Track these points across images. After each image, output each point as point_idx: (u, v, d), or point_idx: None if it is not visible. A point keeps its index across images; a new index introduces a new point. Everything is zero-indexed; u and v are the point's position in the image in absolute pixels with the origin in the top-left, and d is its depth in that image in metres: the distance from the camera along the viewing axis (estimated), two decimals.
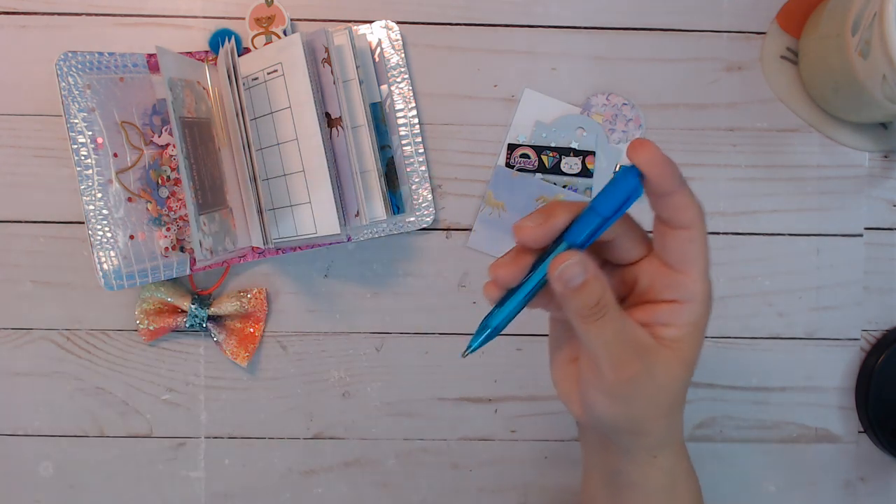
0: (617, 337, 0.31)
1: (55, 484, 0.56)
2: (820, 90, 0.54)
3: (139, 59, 0.52)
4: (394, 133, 0.54)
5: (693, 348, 0.33)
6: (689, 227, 0.31)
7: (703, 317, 0.33)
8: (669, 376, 0.33)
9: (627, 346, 0.32)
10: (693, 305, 0.32)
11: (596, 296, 0.31)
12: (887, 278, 0.57)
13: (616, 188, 0.30)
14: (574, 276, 0.30)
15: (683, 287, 0.32)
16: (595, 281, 0.31)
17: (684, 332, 0.33)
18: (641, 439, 0.36)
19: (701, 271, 0.32)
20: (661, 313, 0.33)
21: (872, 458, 0.57)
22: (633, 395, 0.33)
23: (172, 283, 0.54)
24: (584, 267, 0.30)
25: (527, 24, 0.55)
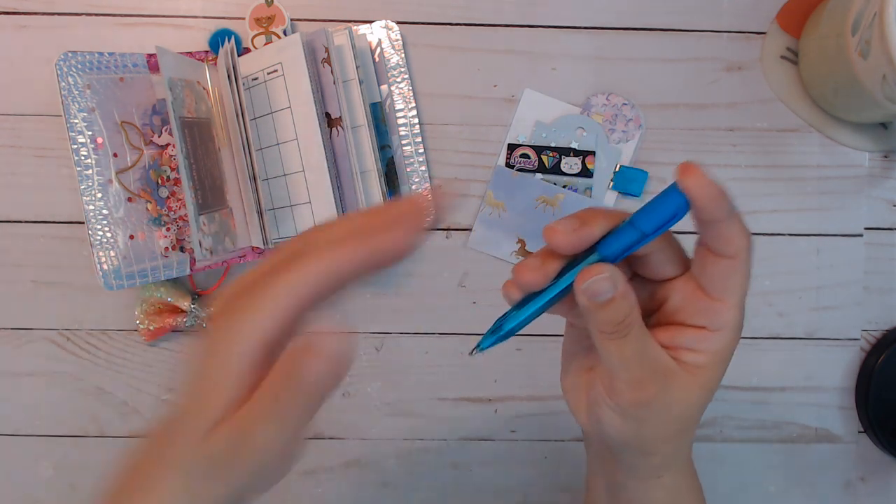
0: (637, 357, 0.31)
1: (55, 484, 0.56)
2: (820, 90, 0.54)
3: (139, 59, 0.52)
4: (394, 133, 0.54)
5: (715, 376, 0.33)
6: (734, 256, 0.30)
7: (731, 346, 0.32)
8: (686, 402, 0.32)
9: (647, 367, 0.31)
10: (723, 334, 0.32)
11: (622, 314, 0.30)
12: (887, 278, 0.57)
13: (661, 205, 0.29)
14: (602, 293, 0.29)
15: (716, 315, 0.31)
16: (622, 299, 0.29)
17: (710, 359, 0.32)
18: (648, 459, 0.35)
19: (737, 302, 0.31)
20: (688, 338, 0.32)
21: (872, 458, 0.57)
22: (647, 417, 0.32)
23: (172, 283, 0.54)
24: (613, 283, 0.29)
25: (527, 24, 0.55)
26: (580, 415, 0.35)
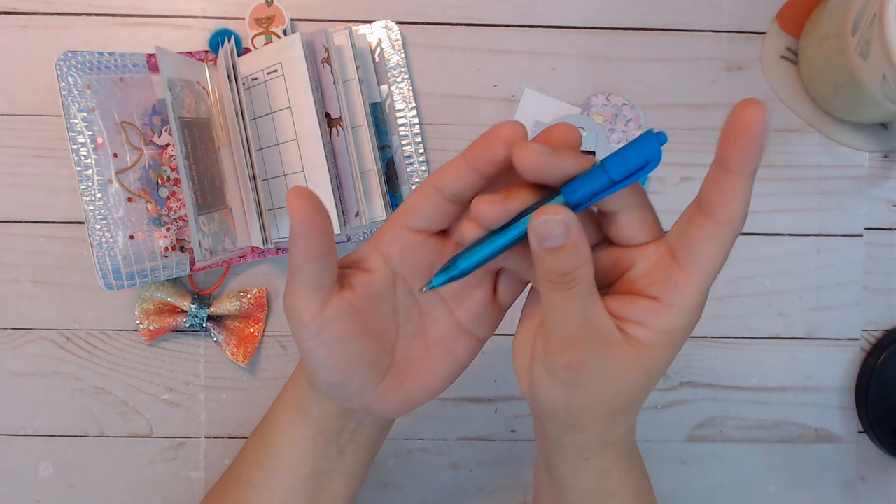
0: (576, 315, 0.28)
1: (55, 484, 0.56)
2: (820, 90, 0.54)
3: (139, 59, 0.52)
4: (394, 133, 0.55)
5: (660, 359, 0.30)
6: (723, 224, 0.27)
7: (681, 330, 0.29)
8: (622, 379, 0.30)
9: (584, 328, 0.29)
10: (674, 312, 0.29)
11: (569, 264, 0.27)
12: (887, 278, 0.57)
13: (634, 151, 0.26)
14: (553, 236, 0.27)
15: (675, 287, 0.29)
16: (573, 248, 0.27)
17: (656, 338, 0.29)
18: (574, 434, 0.33)
19: (702, 279, 0.28)
20: (639, 309, 0.29)
21: (872, 458, 0.57)
22: (577, 383, 0.30)
23: (172, 283, 0.54)
24: (567, 228, 0.27)
25: (527, 24, 0.55)
26: (522, 380, 0.33)
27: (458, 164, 0.30)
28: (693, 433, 0.57)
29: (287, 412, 0.39)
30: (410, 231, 0.33)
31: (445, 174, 0.31)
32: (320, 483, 0.39)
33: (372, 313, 0.33)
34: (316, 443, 0.38)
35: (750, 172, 0.26)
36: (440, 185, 0.31)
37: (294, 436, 0.38)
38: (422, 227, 0.32)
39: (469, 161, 0.30)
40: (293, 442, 0.38)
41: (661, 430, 0.57)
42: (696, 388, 0.57)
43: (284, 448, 0.39)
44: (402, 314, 0.35)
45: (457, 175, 0.30)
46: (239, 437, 0.56)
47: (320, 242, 0.30)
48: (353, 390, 0.34)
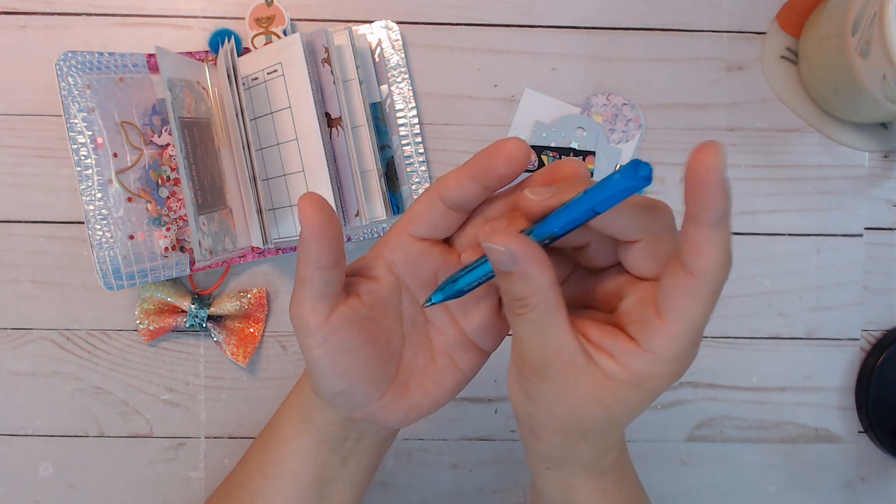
0: (530, 337, 0.28)
1: (55, 484, 0.56)
2: (820, 90, 0.54)
3: (139, 59, 0.52)
4: (394, 133, 0.54)
5: (622, 397, 0.28)
6: (695, 274, 0.25)
7: (655, 378, 0.27)
8: (574, 402, 0.29)
9: (539, 350, 0.28)
10: (647, 357, 0.27)
11: (519, 291, 0.27)
12: (887, 278, 0.57)
13: (617, 180, 0.25)
14: (499, 263, 0.27)
15: (651, 335, 0.27)
16: (521, 278, 0.27)
17: (623, 376, 0.28)
18: (535, 443, 0.33)
19: (681, 330, 0.26)
20: (615, 344, 0.28)
21: (872, 458, 0.57)
22: (532, 395, 0.30)
23: (172, 283, 0.54)
24: (511, 258, 0.26)
25: (527, 24, 0.55)
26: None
27: (460, 175, 0.30)
28: (693, 433, 0.57)
29: (291, 421, 0.39)
30: (414, 239, 0.33)
31: (448, 184, 0.31)
32: (323, 492, 0.39)
33: (378, 322, 0.33)
34: (319, 452, 0.38)
35: (715, 221, 0.24)
36: (443, 195, 0.31)
37: (297, 444, 0.38)
38: (426, 235, 0.33)
39: (471, 174, 0.30)
40: (296, 451, 0.38)
41: (661, 430, 0.57)
42: (696, 388, 0.57)
43: (288, 456, 0.39)
44: (407, 323, 0.35)
45: (459, 186, 0.31)
46: (239, 437, 0.56)
47: (331, 252, 0.30)
48: (357, 399, 0.34)
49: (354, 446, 0.39)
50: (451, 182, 0.31)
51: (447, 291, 0.30)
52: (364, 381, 0.33)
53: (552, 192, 0.28)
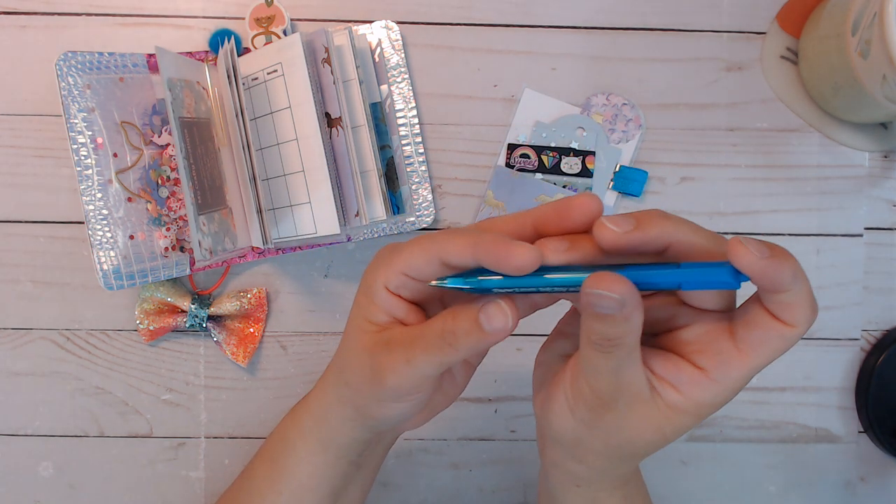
0: (610, 374, 0.28)
1: (55, 484, 0.56)
2: (820, 90, 0.54)
3: (139, 59, 0.52)
4: (394, 133, 0.54)
5: (680, 425, 0.30)
6: (793, 325, 0.27)
7: (714, 406, 0.29)
8: (636, 432, 0.30)
9: (615, 385, 0.29)
10: (714, 387, 0.28)
11: (615, 333, 0.27)
12: (887, 278, 0.57)
13: (712, 273, 0.26)
14: (606, 308, 0.26)
15: (727, 366, 0.28)
16: (624, 321, 0.27)
17: (685, 405, 0.29)
18: (573, 464, 0.33)
19: (756, 363, 0.28)
20: (680, 375, 0.29)
21: (872, 458, 0.57)
22: (593, 426, 0.30)
23: (172, 283, 0.54)
24: (620, 305, 0.26)
25: (527, 24, 0.55)
26: (538, 393, 0.34)
27: (464, 247, 0.29)
28: (693, 433, 0.57)
29: (306, 443, 0.40)
30: (408, 277, 0.32)
31: (449, 251, 0.30)
32: (338, 498, 0.40)
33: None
34: (338, 466, 0.39)
35: (789, 283, 0.26)
36: (444, 258, 0.30)
37: (315, 464, 0.39)
38: (419, 277, 0.32)
39: (533, 223, 0.30)
40: (314, 469, 0.39)
41: None
42: None
43: (303, 475, 0.40)
44: None
45: (460, 256, 0.29)
46: (239, 437, 0.56)
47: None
48: (410, 415, 0.35)
49: (370, 452, 0.40)
50: (453, 249, 0.30)
51: (467, 282, 0.30)
52: (426, 398, 0.35)
53: (632, 224, 0.27)
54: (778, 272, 0.25)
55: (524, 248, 0.27)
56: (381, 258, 0.33)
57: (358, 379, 0.34)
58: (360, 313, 0.33)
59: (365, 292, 0.33)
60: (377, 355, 0.32)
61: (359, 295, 0.34)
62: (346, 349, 0.35)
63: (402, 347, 0.31)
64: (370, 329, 0.33)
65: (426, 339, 0.30)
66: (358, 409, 0.35)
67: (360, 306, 0.34)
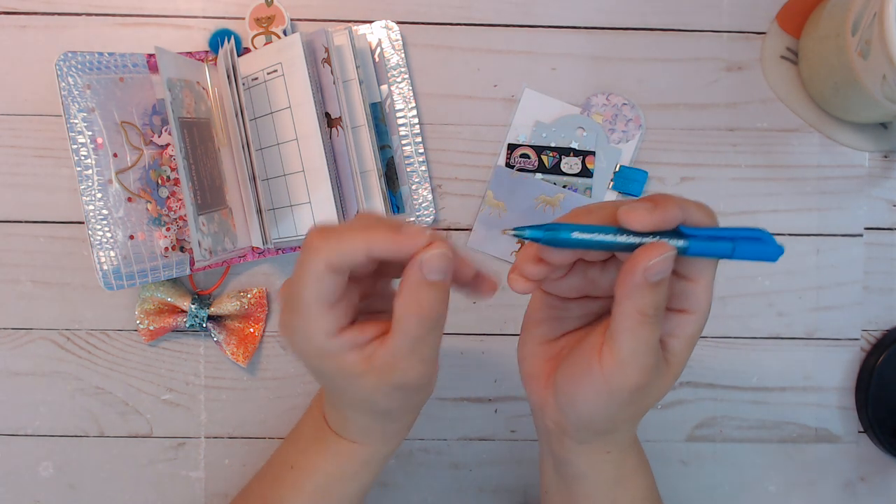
0: (655, 346, 0.31)
1: (55, 484, 0.56)
2: (820, 90, 0.54)
3: (139, 59, 0.52)
4: (394, 133, 0.54)
5: (684, 361, 0.33)
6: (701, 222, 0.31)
7: (702, 329, 0.33)
8: (664, 389, 0.33)
9: (656, 356, 0.31)
10: (699, 317, 0.32)
11: (664, 297, 0.30)
12: (887, 278, 0.57)
13: (762, 247, 0.30)
14: (661, 272, 0.29)
15: (694, 296, 0.32)
16: (666, 284, 0.30)
17: (685, 344, 0.33)
18: (605, 437, 0.35)
19: (710, 281, 0.32)
20: (670, 322, 0.32)
21: (872, 458, 0.57)
22: (634, 400, 0.32)
23: (172, 283, 0.54)
24: (671, 266, 0.29)
25: (527, 24, 0.55)
26: (535, 384, 0.36)
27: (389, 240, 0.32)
28: (693, 433, 0.57)
29: (335, 473, 0.41)
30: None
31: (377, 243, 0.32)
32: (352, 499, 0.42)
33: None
34: (369, 484, 0.42)
35: (682, 207, 0.30)
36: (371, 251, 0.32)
37: (350, 488, 0.41)
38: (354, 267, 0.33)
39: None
40: (349, 491, 0.41)
41: (662, 430, 0.57)
42: (696, 388, 0.57)
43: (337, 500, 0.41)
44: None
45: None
46: (239, 437, 0.56)
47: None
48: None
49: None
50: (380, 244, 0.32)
51: (549, 236, 0.30)
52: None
53: (652, 207, 0.30)
54: (667, 214, 0.29)
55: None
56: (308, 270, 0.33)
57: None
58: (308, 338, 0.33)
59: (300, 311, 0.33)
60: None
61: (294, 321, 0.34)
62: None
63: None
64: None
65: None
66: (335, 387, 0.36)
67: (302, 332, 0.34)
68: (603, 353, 0.32)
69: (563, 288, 0.34)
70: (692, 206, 0.30)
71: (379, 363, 0.33)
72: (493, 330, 0.56)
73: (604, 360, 0.32)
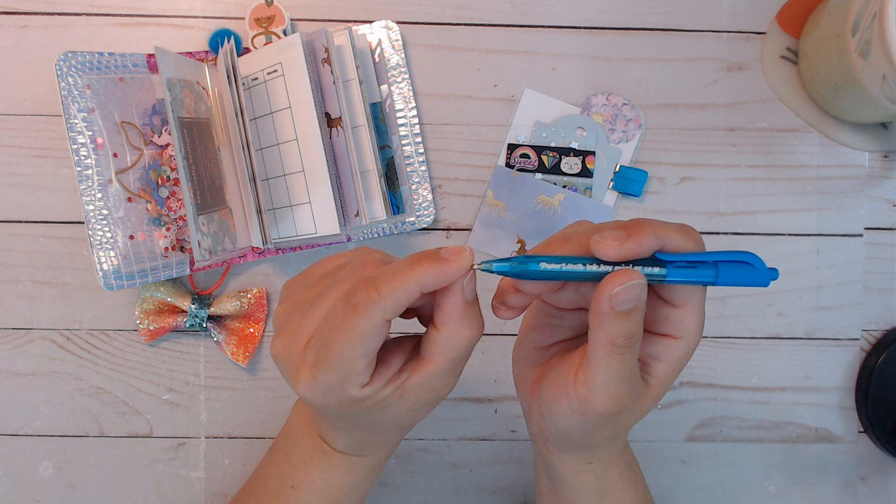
0: (628, 375, 0.30)
1: (55, 484, 0.56)
2: (820, 90, 0.54)
3: (139, 59, 0.52)
4: (394, 133, 0.54)
5: (669, 384, 0.33)
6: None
7: (691, 353, 0.32)
8: (642, 412, 0.33)
9: (631, 385, 0.31)
10: (686, 341, 0.32)
11: (636, 327, 0.29)
12: (887, 278, 0.57)
13: (749, 271, 0.29)
14: (629, 301, 0.28)
15: (681, 322, 0.31)
16: (640, 313, 0.29)
17: (670, 368, 0.32)
18: (585, 450, 0.36)
19: (700, 307, 0.31)
20: (654, 346, 0.32)
21: (872, 458, 0.57)
22: (607, 424, 0.32)
23: (172, 283, 0.54)
24: (641, 295, 0.28)
25: (527, 24, 0.55)
26: (523, 389, 0.36)
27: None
28: (693, 433, 0.57)
29: (342, 486, 0.41)
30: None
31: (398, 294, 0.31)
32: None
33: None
34: (372, 485, 0.42)
35: (657, 234, 0.29)
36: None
37: (357, 494, 0.41)
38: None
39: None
40: (355, 501, 0.42)
41: (661, 430, 0.57)
42: (696, 388, 0.57)
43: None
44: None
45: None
46: (239, 437, 0.56)
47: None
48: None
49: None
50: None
51: (516, 269, 0.30)
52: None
53: (624, 236, 0.29)
54: (640, 243, 0.28)
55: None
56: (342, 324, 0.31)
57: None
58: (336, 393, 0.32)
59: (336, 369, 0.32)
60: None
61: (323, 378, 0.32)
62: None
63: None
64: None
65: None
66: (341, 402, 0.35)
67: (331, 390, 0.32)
68: (577, 377, 0.32)
69: (557, 300, 0.34)
70: (670, 231, 0.29)
71: (412, 386, 0.33)
72: (493, 330, 0.56)
73: (577, 384, 0.32)
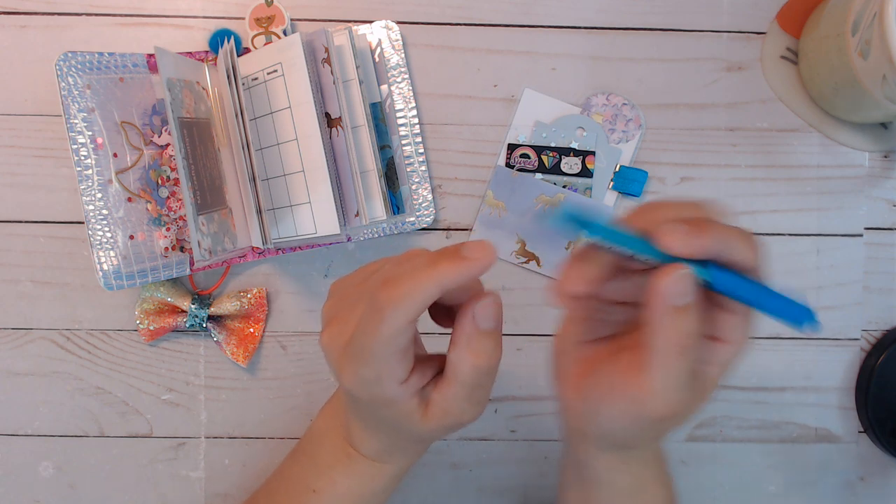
0: (686, 378, 0.30)
1: (55, 484, 0.56)
2: (820, 90, 0.54)
3: (139, 59, 0.52)
4: (394, 133, 0.54)
5: (714, 388, 0.32)
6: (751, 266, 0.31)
7: (740, 358, 0.32)
8: (690, 416, 0.33)
9: (688, 388, 0.30)
10: (736, 347, 0.32)
11: (695, 323, 0.29)
12: (887, 278, 0.57)
13: (791, 306, 0.30)
14: (680, 294, 0.28)
15: (733, 327, 0.31)
16: (695, 311, 0.29)
17: (719, 372, 0.32)
18: (624, 450, 0.35)
19: (748, 313, 0.31)
20: (705, 350, 0.32)
21: (872, 458, 0.57)
22: (657, 427, 0.32)
23: (172, 283, 0.54)
24: (691, 290, 0.28)
25: (527, 24, 0.55)
26: (564, 384, 0.35)
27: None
28: (693, 433, 0.57)
29: (371, 492, 0.41)
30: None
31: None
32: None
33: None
34: (392, 492, 0.43)
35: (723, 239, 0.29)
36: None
37: (378, 500, 0.42)
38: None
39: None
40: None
41: None
42: None
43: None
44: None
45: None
46: (239, 437, 0.56)
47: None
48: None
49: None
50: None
51: (584, 222, 0.29)
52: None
53: (696, 234, 0.29)
54: (704, 245, 0.28)
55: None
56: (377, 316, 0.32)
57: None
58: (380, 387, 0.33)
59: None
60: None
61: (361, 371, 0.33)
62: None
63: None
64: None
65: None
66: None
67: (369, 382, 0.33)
68: (636, 379, 0.31)
69: (608, 290, 0.33)
70: (737, 238, 0.29)
71: (436, 410, 0.34)
72: None
73: (636, 387, 0.31)
